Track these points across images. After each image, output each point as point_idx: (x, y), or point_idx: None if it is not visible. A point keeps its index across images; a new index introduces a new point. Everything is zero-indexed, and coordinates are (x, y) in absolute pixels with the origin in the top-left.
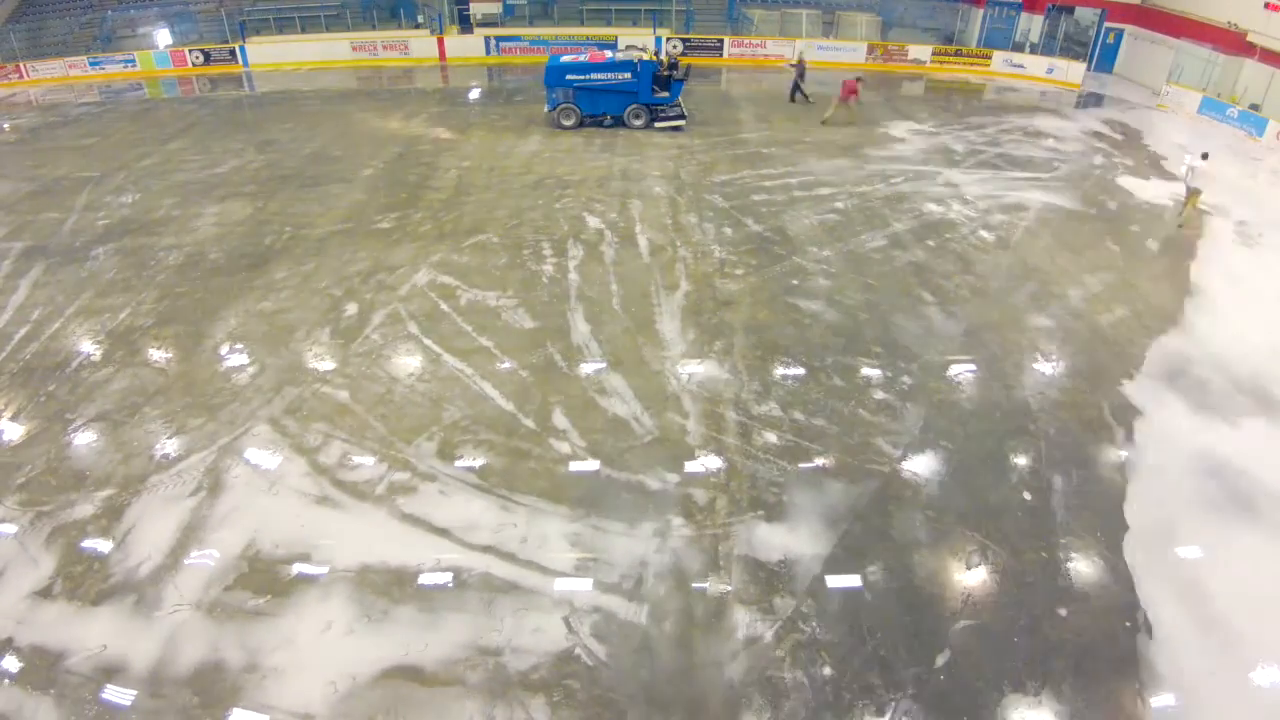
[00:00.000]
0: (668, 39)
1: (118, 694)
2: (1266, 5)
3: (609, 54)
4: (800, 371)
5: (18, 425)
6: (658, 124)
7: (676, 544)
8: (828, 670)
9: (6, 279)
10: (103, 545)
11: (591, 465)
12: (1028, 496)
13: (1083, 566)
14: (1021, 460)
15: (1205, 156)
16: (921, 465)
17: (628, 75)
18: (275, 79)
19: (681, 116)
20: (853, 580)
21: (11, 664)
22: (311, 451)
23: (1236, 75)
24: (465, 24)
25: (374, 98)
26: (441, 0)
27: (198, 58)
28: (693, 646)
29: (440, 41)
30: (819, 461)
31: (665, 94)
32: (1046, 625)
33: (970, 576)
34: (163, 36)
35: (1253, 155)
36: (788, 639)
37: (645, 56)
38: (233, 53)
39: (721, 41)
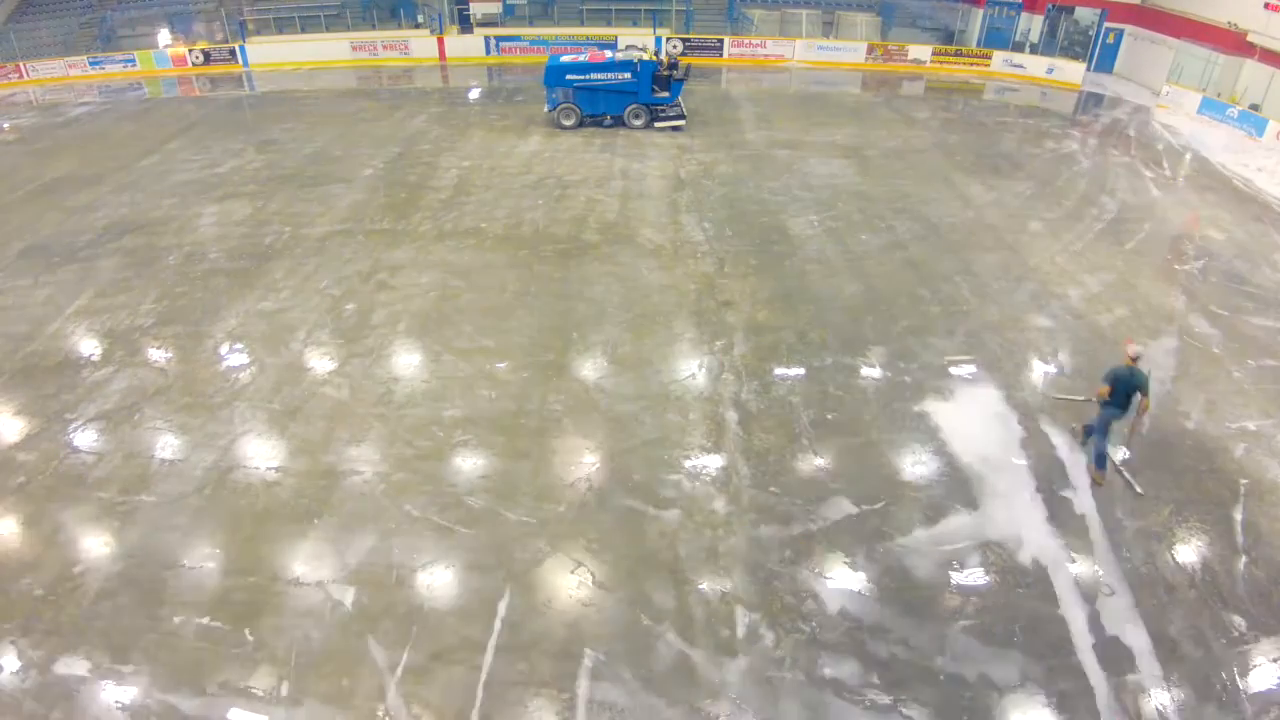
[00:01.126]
0: (668, 39)
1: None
2: (1266, 5)
3: (609, 54)
4: (800, 371)
5: (18, 425)
6: (658, 124)
7: (676, 543)
8: (828, 670)
9: (6, 279)
10: (102, 545)
11: (591, 464)
12: (1027, 495)
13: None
14: (1022, 461)
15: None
16: (921, 466)
17: (628, 75)
18: (275, 79)
19: (681, 116)
20: (853, 580)
21: (11, 663)
22: (312, 450)
23: (1236, 75)
24: (465, 24)
25: (374, 97)
26: (441, 0)
27: (198, 57)
28: (693, 646)
29: (440, 41)
30: (818, 462)
31: (665, 94)
32: (1046, 625)
33: (970, 577)
34: (163, 36)
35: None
36: (787, 639)
37: (645, 56)
38: (233, 52)
39: (721, 41)
